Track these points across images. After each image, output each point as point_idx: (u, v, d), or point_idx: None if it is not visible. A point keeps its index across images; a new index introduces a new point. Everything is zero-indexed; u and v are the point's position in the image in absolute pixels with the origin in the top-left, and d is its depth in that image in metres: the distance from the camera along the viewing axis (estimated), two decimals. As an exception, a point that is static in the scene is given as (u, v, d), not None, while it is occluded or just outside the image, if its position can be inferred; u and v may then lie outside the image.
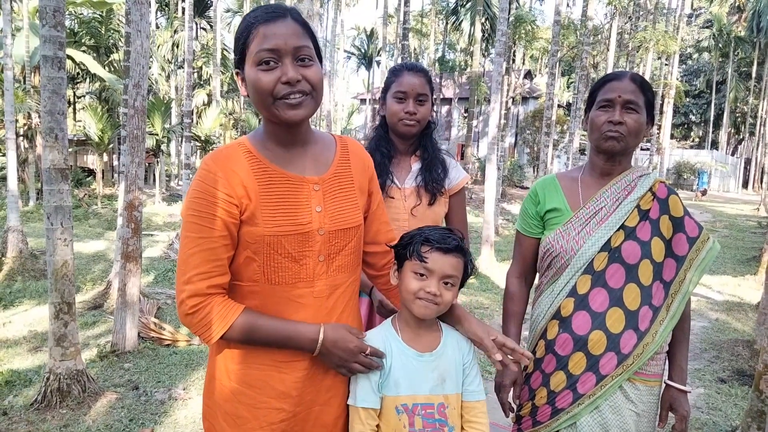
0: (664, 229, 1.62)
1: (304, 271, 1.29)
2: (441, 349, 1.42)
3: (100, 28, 18.54)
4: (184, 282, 1.23)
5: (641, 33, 19.16)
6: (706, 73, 39.80)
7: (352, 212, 1.37)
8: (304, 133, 1.34)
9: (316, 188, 1.32)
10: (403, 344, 1.41)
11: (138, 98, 4.36)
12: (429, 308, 1.37)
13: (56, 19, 3.27)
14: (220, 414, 1.33)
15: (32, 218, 12.30)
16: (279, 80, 1.21)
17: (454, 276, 1.38)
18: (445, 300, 1.38)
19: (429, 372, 1.40)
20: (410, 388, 1.38)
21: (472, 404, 1.43)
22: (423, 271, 1.37)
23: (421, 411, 1.38)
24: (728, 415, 3.70)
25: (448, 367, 1.41)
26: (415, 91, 1.96)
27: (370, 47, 39.78)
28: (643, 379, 1.59)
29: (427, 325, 1.44)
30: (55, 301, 3.44)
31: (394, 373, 1.38)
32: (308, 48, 1.24)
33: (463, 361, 1.43)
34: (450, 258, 1.37)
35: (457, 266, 1.39)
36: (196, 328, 1.24)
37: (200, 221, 1.22)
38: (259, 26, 1.21)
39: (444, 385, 1.40)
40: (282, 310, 1.29)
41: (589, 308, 1.58)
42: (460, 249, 1.40)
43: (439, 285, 1.37)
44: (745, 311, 6.58)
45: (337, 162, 1.39)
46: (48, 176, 3.36)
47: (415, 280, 1.38)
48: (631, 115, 1.58)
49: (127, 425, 3.26)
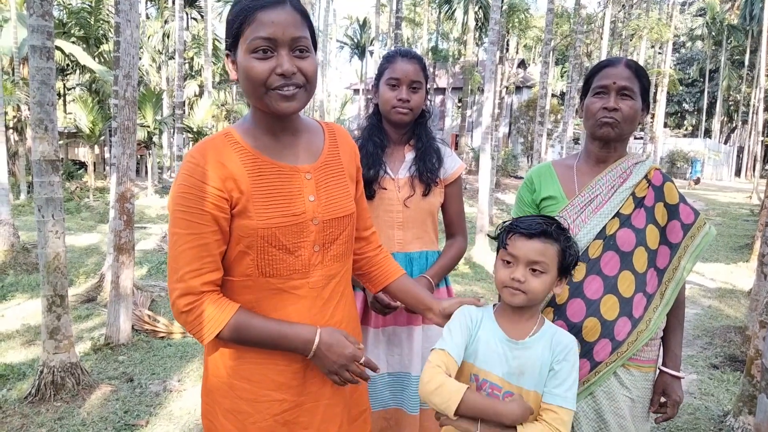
0: (659, 216, 1.62)
1: (299, 262, 1.26)
2: (531, 342, 1.37)
3: (89, 18, 18.30)
4: (177, 280, 1.19)
5: (635, 21, 19.14)
6: (699, 61, 39.89)
7: (344, 200, 1.35)
8: (293, 122, 1.31)
9: (308, 177, 1.29)
10: (495, 323, 1.40)
11: (128, 89, 4.31)
12: (516, 296, 1.34)
13: (44, 8, 3.22)
14: (220, 411, 1.30)
15: (24, 211, 12.20)
16: (273, 71, 1.17)
17: (542, 262, 1.33)
18: (532, 288, 1.33)
19: (510, 359, 1.37)
20: (484, 363, 1.38)
21: (551, 407, 1.31)
22: (509, 258, 1.36)
23: (488, 389, 1.37)
24: (720, 401, 3.73)
25: (532, 360, 1.36)
26: (409, 78, 1.90)
27: (363, 37, 39.55)
28: (638, 365, 1.60)
29: (526, 315, 1.40)
30: (47, 294, 3.41)
31: (477, 344, 1.39)
32: (305, 39, 1.20)
33: (552, 361, 1.36)
34: (535, 243, 1.33)
35: (545, 252, 1.33)
36: (189, 327, 1.22)
37: (189, 217, 1.18)
38: (257, 11, 1.16)
39: (521, 378, 1.36)
40: (277, 303, 1.27)
41: (584, 296, 1.57)
42: (548, 234, 1.34)
43: (526, 272, 1.33)
44: (738, 298, 6.64)
45: (326, 150, 1.36)
46: (38, 168, 3.32)
47: (503, 267, 1.37)
48: (626, 102, 1.57)
49: (121, 417, 3.25)
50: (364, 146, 1.97)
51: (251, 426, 1.28)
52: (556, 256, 1.35)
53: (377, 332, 1.98)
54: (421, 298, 1.53)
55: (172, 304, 1.21)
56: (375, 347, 1.98)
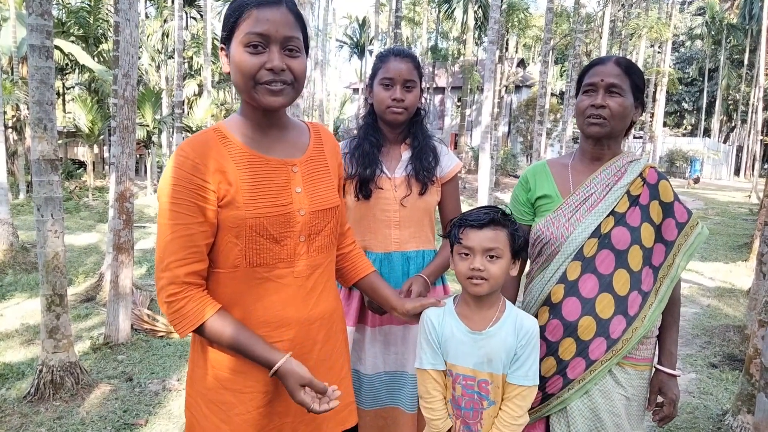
0: (653, 214, 1.62)
1: (284, 251, 1.30)
2: (493, 330, 1.47)
3: (88, 17, 18.28)
4: (162, 269, 1.23)
5: (634, 20, 19.13)
6: (698, 60, 39.85)
7: (329, 193, 1.40)
8: (280, 119, 1.37)
9: (295, 170, 1.34)
10: (457, 319, 1.50)
11: (128, 88, 4.32)
12: (480, 285, 1.44)
13: (43, 8, 3.22)
14: (204, 402, 1.33)
15: (23, 211, 12.19)
16: (263, 66, 1.23)
17: (496, 248, 1.44)
18: (493, 273, 1.43)
19: (476, 349, 1.47)
20: (455, 358, 1.49)
21: (513, 386, 1.47)
22: (465, 250, 1.46)
23: (462, 381, 1.48)
24: (719, 399, 3.74)
25: (497, 348, 1.46)
26: (402, 77, 1.90)
27: (362, 36, 39.52)
28: (633, 364, 1.60)
29: (487, 305, 1.50)
30: (46, 294, 3.42)
31: (445, 343, 1.50)
32: (297, 39, 1.26)
33: (517, 344, 1.46)
34: (486, 232, 1.44)
35: (496, 238, 1.44)
36: (170, 318, 1.25)
37: (177, 208, 1.22)
38: (253, 8, 1.22)
39: (491, 364, 1.46)
40: (263, 293, 1.30)
41: (579, 294, 1.58)
42: (496, 221, 1.45)
43: (483, 260, 1.43)
44: (737, 297, 6.64)
45: (312, 146, 1.42)
46: (37, 167, 3.33)
47: (461, 261, 1.47)
48: (615, 99, 1.57)
49: (121, 416, 3.26)
50: (360, 146, 1.98)
51: (235, 417, 1.30)
52: (507, 240, 1.46)
53: (374, 331, 1.99)
54: (387, 297, 1.60)
55: (158, 292, 1.25)
56: (372, 346, 1.99)
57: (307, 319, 1.35)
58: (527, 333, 1.47)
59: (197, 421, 1.34)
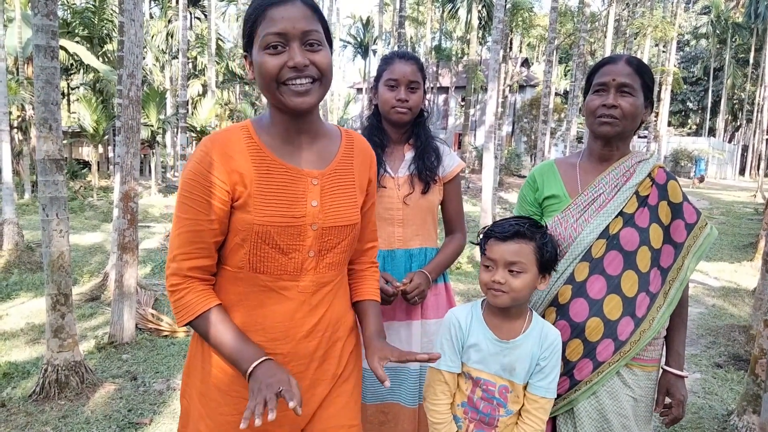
0: (662, 215, 1.61)
1: (291, 264, 1.27)
2: (520, 341, 1.46)
3: (93, 18, 18.34)
4: (170, 259, 1.26)
5: (639, 19, 19.07)
6: (703, 59, 39.69)
7: (349, 210, 1.33)
8: (311, 124, 1.30)
9: (315, 183, 1.28)
10: (485, 326, 1.48)
11: (132, 88, 4.32)
12: (499, 297, 1.41)
13: (48, 8, 3.23)
14: (195, 393, 1.34)
15: (28, 211, 12.24)
16: (285, 64, 1.18)
17: (519, 262, 1.40)
18: (514, 287, 1.40)
19: (500, 357, 1.46)
20: (478, 363, 1.48)
21: (534, 397, 1.47)
22: (488, 262, 1.44)
23: (483, 385, 1.48)
24: (724, 400, 3.72)
25: (521, 358, 1.45)
26: (407, 79, 1.94)
27: (366, 36, 39.48)
28: (641, 365, 1.59)
29: (513, 315, 1.48)
30: (51, 293, 3.43)
31: (469, 348, 1.49)
32: (317, 32, 1.21)
33: (540, 356, 1.45)
34: (510, 245, 1.40)
35: (520, 252, 1.40)
36: (172, 306, 1.27)
37: (190, 202, 1.22)
38: (267, 9, 1.18)
39: (513, 373, 1.46)
40: (264, 300, 1.28)
41: (587, 295, 1.57)
42: (521, 234, 1.40)
43: (505, 273, 1.40)
44: (742, 297, 6.61)
45: (339, 157, 1.35)
46: (42, 167, 3.34)
47: (484, 271, 1.45)
48: (626, 99, 1.56)
49: (125, 416, 3.26)
50: None
51: (219, 416, 1.30)
52: (533, 254, 1.41)
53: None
54: (368, 331, 1.43)
55: (166, 279, 1.27)
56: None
57: (305, 336, 1.31)
58: (551, 345, 1.46)
59: (190, 409, 1.35)
